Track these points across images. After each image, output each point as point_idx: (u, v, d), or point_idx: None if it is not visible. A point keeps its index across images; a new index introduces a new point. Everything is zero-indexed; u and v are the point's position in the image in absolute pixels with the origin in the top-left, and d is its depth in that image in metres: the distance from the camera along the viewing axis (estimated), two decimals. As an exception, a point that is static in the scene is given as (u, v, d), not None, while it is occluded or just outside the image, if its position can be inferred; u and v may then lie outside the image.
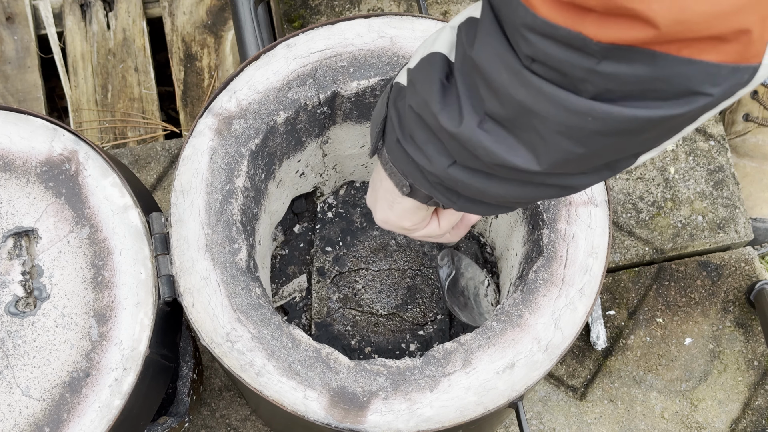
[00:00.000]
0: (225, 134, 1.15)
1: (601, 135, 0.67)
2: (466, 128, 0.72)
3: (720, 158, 1.67)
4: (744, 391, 1.56)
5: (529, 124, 0.69)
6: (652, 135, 0.68)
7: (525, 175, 0.73)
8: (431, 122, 0.76)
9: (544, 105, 0.66)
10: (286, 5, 1.76)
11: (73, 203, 1.13)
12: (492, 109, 0.70)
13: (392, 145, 0.84)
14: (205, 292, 1.09)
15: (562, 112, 0.66)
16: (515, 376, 1.07)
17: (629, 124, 0.66)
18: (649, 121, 0.65)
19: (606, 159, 0.72)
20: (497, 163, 0.73)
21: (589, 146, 0.68)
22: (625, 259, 1.61)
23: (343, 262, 1.39)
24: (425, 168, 0.80)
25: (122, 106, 1.78)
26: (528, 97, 0.66)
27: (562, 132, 0.67)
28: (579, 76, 0.64)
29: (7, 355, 1.09)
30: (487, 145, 0.72)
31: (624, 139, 0.68)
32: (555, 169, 0.72)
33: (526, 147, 0.71)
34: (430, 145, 0.78)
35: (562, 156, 0.70)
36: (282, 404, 1.05)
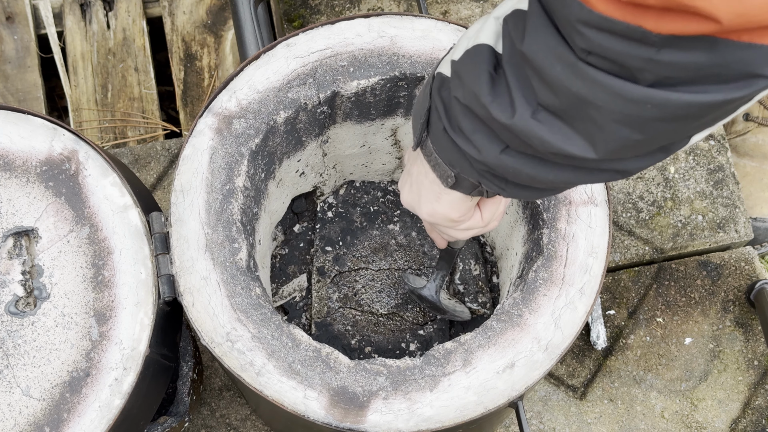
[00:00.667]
0: (225, 134, 1.14)
1: (660, 121, 0.68)
2: (519, 119, 0.73)
3: (720, 158, 1.67)
4: (744, 390, 1.56)
5: (585, 114, 0.69)
6: (710, 118, 0.69)
7: (580, 161, 0.74)
8: (481, 113, 0.77)
9: (601, 95, 0.67)
10: (286, 5, 1.76)
11: (73, 203, 1.13)
12: (545, 100, 0.71)
13: (438, 135, 0.85)
14: (205, 292, 1.09)
15: (620, 101, 0.67)
16: (515, 376, 1.07)
17: (688, 110, 0.66)
18: (709, 105, 0.66)
19: (662, 143, 0.73)
20: (552, 152, 0.74)
21: (647, 132, 0.69)
22: (625, 258, 1.61)
23: (343, 261, 1.39)
24: (474, 157, 0.81)
25: (122, 105, 1.78)
26: (584, 89, 0.67)
27: (620, 120, 0.68)
28: (637, 66, 0.65)
29: (7, 354, 1.09)
30: (541, 135, 0.73)
31: (682, 123, 0.69)
32: (611, 155, 0.73)
33: (581, 136, 0.72)
34: (478, 134, 0.79)
35: (620, 143, 0.71)
36: (282, 404, 1.05)
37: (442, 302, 1.29)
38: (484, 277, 1.39)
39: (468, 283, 1.39)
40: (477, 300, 1.38)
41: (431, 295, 1.28)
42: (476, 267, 1.39)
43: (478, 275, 1.39)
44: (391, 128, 1.29)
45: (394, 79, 1.17)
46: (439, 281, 1.27)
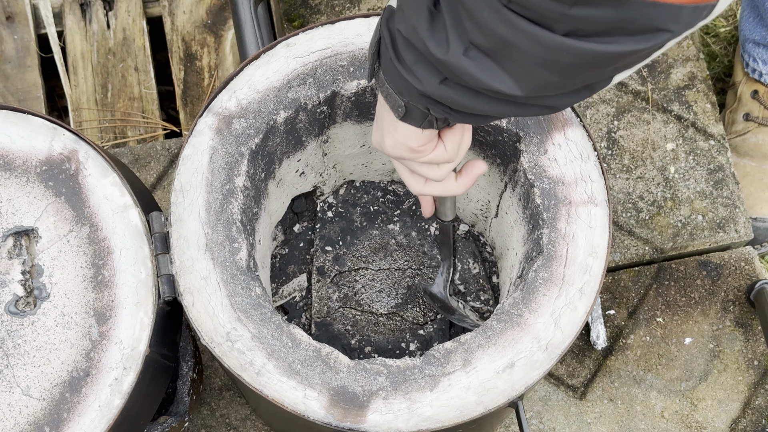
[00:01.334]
0: (225, 133, 1.15)
1: (575, 66, 0.74)
2: (452, 55, 0.78)
3: (720, 158, 1.67)
4: (744, 390, 1.56)
5: (510, 55, 0.74)
6: (623, 64, 0.76)
7: (509, 97, 0.79)
8: (420, 46, 0.81)
9: (523, 40, 0.72)
10: (286, 4, 1.76)
11: (73, 202, 1.13)
12: (476, 39, 0.76)
13: (387, 64, 0.89)
14: (205, 292, 1.09)
15: (539, 47, 0.72)
16: (515, 376, 1.07)
17: (599, 58, 0.72)
18: (618, 54, 0.72)
19: (583, 83, 0.79)
20: (482, 87, 0.79)
21: (565, 76, 0.75)
22: (625, 258, 1.61)
23: (343, 261, 1.39)
24: (416, 87, 0.85)
25: (122, 105, 1.78)
26: (508, 33, 0.72)
27: (540, 64, 0.74)
28: (552, 17, 0.70)
29: (7, 354, 1.09)
30: (472, 72, 0.78)
31: (596, 69, 0.75)
32: (535, 93, 0.78)
33: (508, 74, 0.77)
34: (419, 66, 0.83)
35: (542, 83, 0.76)
36: (282, 404, 1.05)
37: (451, 300, 1.29)
38: (484, 275, 1.39)
39: (468, 282, 1.39)
40: (479, 298, 1.38)
41: (439, 292, 1.29)
42: (475, 266, 1.39)
43: (477, 273, 1.39)
44: (391, 128, 1.29)
45: (394, 79, 1.17)
46: (446, 274, 1.27)
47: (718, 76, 1.90)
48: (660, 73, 1.72)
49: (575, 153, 1.15)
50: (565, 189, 1.13)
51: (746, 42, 1.73)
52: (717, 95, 1.81)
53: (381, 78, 0.92)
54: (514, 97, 0.79)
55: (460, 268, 1.39)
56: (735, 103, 1.76)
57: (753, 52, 1.72)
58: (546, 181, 1.14)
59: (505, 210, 1.28)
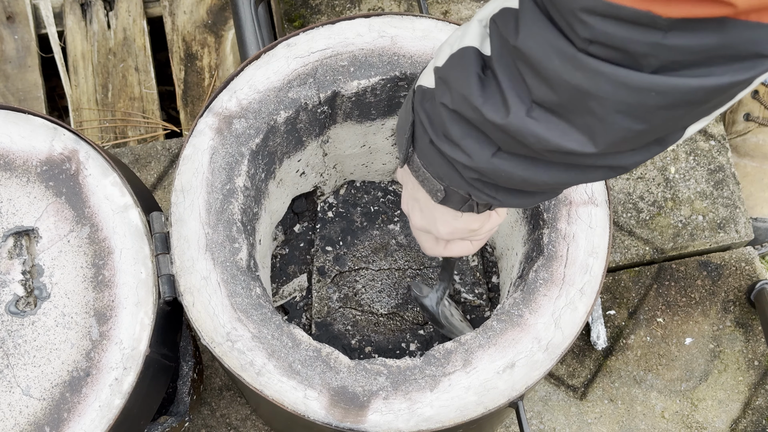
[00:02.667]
0: (225, 133, 1.15)
1: (663, 109, 0.67)
2: (514, 118, 0.73)
3: (720, 158, 1.67)
4: (744, 390, 1.56)
5: (584, 106, 0.69)
6: (712, 103, 0.69)
7: (577, 157, 0.74)
8: (472, 116, 0.76)
9: (603, 86, 0.66)
10: (286, 5, 1.76)
11: (73, 202, 1.13)
12: (541, 96, 0.71)
13: (425, 148, 0.85)
14: (206, 292, 1.09)
15: (623, 91, 0.66)
16: (515, 376, 1.07)
17: (693, 95, 0.66)
18: (714, 89, 0.66)
19: (661, 133, 0.72)
20: (549, 149, 0.73)
21: (650, 121, 0.69)
22: (626, 258, 1.61)
23: (343, 261, 1.39)
24: (464, 163, 0.80)
25: (123, 105, 1.78)
26: (584, 81, 0.67)
27: (622, 111, 0.68)
28: (642, 52, 0.64)
29: (7, 354, 1.09)
30: (538, 132, 0.72)
31: (686, 110, 0.68)
32: (610, 148, 0.72)
33: (580, 130, 0.71)
34: (468, 139, 0.78)
35: (621, 134, 0.70)
36: (282, 404, 1.05)
37: (440, 315, 1.28)
38: (482, 268, 1.39)
39: (464, 274, 1.39)
40: (473, 291, 1.38)
41: (431, 306, 1.28)
42: (474, 258, 1.39)
43: (475, 266, 1.39)
44: (392, 128, 1.29)
45: (394, 79, 1.17)
46: (440, 293, 1.26)
47: (719, 76, 1.90)
48: (660, 74, 1.72)
49: (576, 153, 1.15)
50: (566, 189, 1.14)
51: (747, 42, 1.73)
52: (717, 95, 1.81)
53: (416, 163, 0.88)
54: (583, 157, 0.73)
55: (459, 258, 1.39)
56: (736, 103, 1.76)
57: (753, 52, 1.72)
58: (546, 182, 1.14)
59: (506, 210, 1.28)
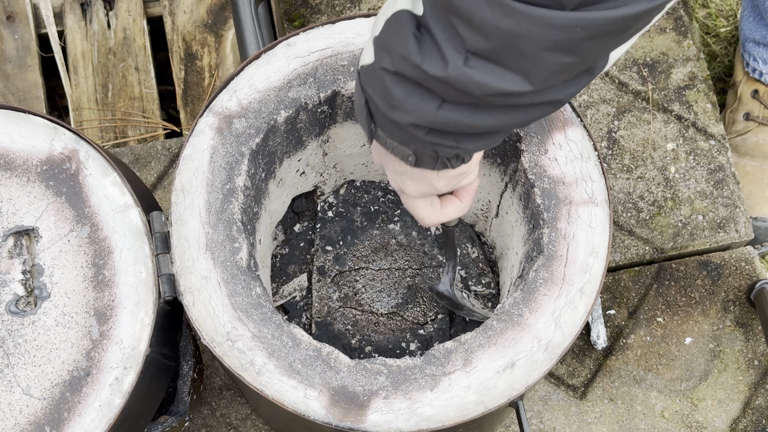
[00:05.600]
0: (225, 133, 1.15)
1: (589, 40, 0.73)
2: (453, 69, 0.77)
3: (720, 157, 1.67)
4: (744, 390, 1.56)
5: (516, 49, 0.74)
6: (633, 29, 0.76)
7: (517, 97, 0.79)
8: (413, 74, 0.80)
9: (532, 27, 0.72)
10: (286, 4, 1.76)
11: (73, 202, 1.13)
12: (475, 45, 0.75)
13: (382, 120, 0.88)
14: (206, 291, 1.09)
15: (550, 30, 0.72)
16: (515, 376, 1.07)
17: (614, 24, 0.72)
18: (632, 17, 0.72)
19: (590, 62, 0.79)
20: (490, 94, 0.78)
21: (578, 53, 0.75)
22: (626, 258, 1.61)
23: (343, 261, 1.39)
24: (412, 122, 0.84)
25: (123, 105, 1.78)
26: (513, 25, 0.72)
27: (551, 47, 0.73)
28: None
29: (7, 353, 1.09)
30: (477, 79, 0.77)
31: (609, 38, 0.75)
32: (545, 84, 0.78)
33: (515, 71, 0.76)
34: (412, 98, 0.82)
35: (553, 68, 0.76)
36: (282, 403, 1.05)
37: (457, 296, 1.30)
38: (484, 258, 1.39)
39: (468, 267, 1.39)
40: (480, 282, 1.38)
41: (446, 290, 1.29)
42: (474, 250, 1.39)
43: (477, 257, 1.39)
44: (392, 128, 1.29)
45: (394, 79, 1.17)
46: (451, 273, 1.28)
47: (719, 76, 1.90)
48: (660, 73, 1.72)
49: (576, 153, 1.15)
50: (566, 189, 1.13)
51: (746, 41, 1.73)
52: (717, 95, 1.81)
53: (381, 136, 0.91)
54: (523, 95, 0.78)
55: (460, 253, 1.39)
56: (735, 102, 1.76)
57: (753, 51, 1.72)
58: (546, 181, 1.14)
59: (506, 210, 1.28)
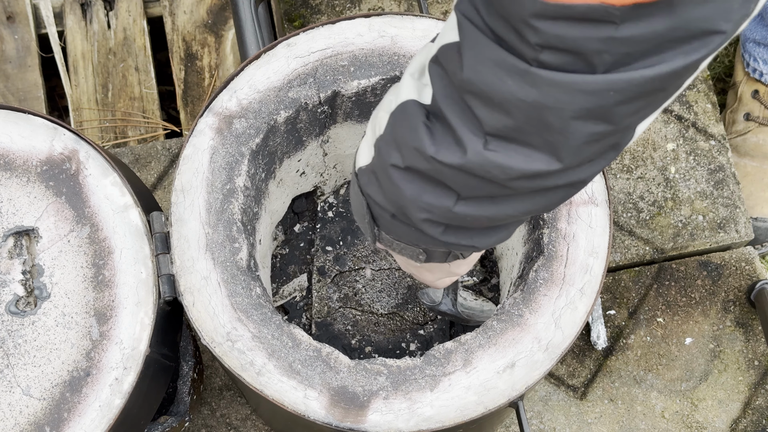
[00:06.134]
0: (225, 133, 1.15)
1: (623, 104, 0.67)
2: (472, 155, 0.72)
3: (720, 158, 1.67)
4: (744, 390, 1.56)
5: (542, 123, 0.68)
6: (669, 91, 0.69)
7: (543, 178, 0.73)
8: (426, 167, 0.75)
9: (559, 96, 0.66)
10: (286, 4, 1.76)
11: (73, 202, 1.13)
12: (494, 125, 0.70)
13: (388, 224, 0.85)
14: (206, 292, 1.09)
15: (580, 96, 0.66)
16: (516, 376, 1.07)
17: (650, 85, 0.66)
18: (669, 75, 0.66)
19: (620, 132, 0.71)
20: (515, 176, 0.73)
21: (611, 120, 0.69)
22: (626, 258, 1.61)
23: (343, 261, 1.39)
24: (428, 219, 0.80)
25: (123, 105, 1.78)
26: (540, 95, 0.67)
27: (582, 116, 0.67)
28: (595, 49, 0.64)
29: (7, 354, 1.09)
30: (500, 163, 0.72)
31: (645, 100, 0.68)
32: (575, 159, 0.71)
33: (541, 149, 0.71)
34: (426, 195, 0.78)
35: (583, 140, 0.70)
36: (282, 404, 1.05)
37: (462, 313, 1.29)
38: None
39: None
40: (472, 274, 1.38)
41: (450, 309, 1.27)
42: None
43: None
44: (392, 128, 1.29)
45: (394, 79, 1.17)
46: (452, 295, 1.26)
47: (719, 76, 1.90)
48: (660, 73, 1.72)
49: (576, 153, 1.15)
50: (566, 189, 1.13)
51: (747, 42, 1.73)
52: (717, 95, 1.81)
53: (387, 239, 0.88)
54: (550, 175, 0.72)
55: None
56: (735, 103, 1.76)
57: (754, 51, 1.72)
58: (546, 181, 1.14)
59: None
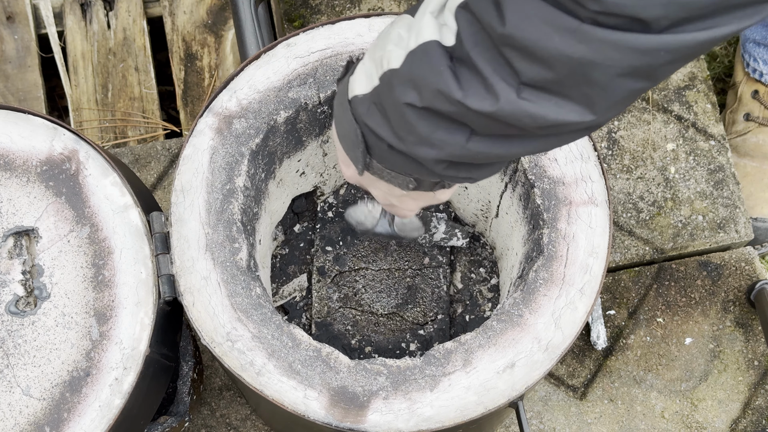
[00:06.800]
0: (225, 133, 1.15)
1: (670, 64, 0.69)
2: (505, 103, 0.73)
3: (720, 158, 1.67)
4: (744, 390, 1.56)
5: (585, 78, 0.70)
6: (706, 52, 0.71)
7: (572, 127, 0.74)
8: (449, 109, 0.76)
9: (610, 53, 0.67)
10: (286, 5, 1.76)
11: (73, 202, 1.13)
12: (532, 76, 0.71)
13: (384, 153, 0.85)
14: (206, 292, 1.09)
15: (631, 55, 0.67)
16: (515, 376, 1.07)
17: (701, 48, 0.67)
18: (720, 39, 0.67)
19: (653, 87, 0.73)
20: (545, 125, 0.74)
21: (654, 78, 0.70)
22: (626, 258, 1.61)
23: (343, 261, 1.39)
24: (435, 157, 0.80)
25: (122, 105, 1.78)
26: (588, 52, 0.68)
27: (627, 73, 0.69)
28: (655, 15, 0.65)
29: (7, 354, 1.09)
30: (533, 112, 0.73)
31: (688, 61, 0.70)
32: (608, 112, 0.73)
33: (576, 101, 0.72)
34: (439, 132, 0.78)
35: (621, 95, 0.71)
36: (282, 404, 1.05)
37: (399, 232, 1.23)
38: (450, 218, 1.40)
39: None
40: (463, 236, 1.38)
41: (385, 230, 1.21)
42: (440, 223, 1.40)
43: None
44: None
45: (394, 79, 1.17)
46: (389, 216, 1.20)
47: (719, 76, 1.90)
48: (660, 74, 1.72)
49: (576, 153, 1.15)
50: (566, 189, 1.13)
51: (747, 42, 1.73)
52: (717, 95, 1.81)
53: (377, 167, 0.88)
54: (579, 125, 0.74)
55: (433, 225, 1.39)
56: (735, 103, 1.76)
57: (753, 51, 1.72)
58: (546, 182, 1.14)
59: (506, 210, 1.28)
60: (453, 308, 1.38)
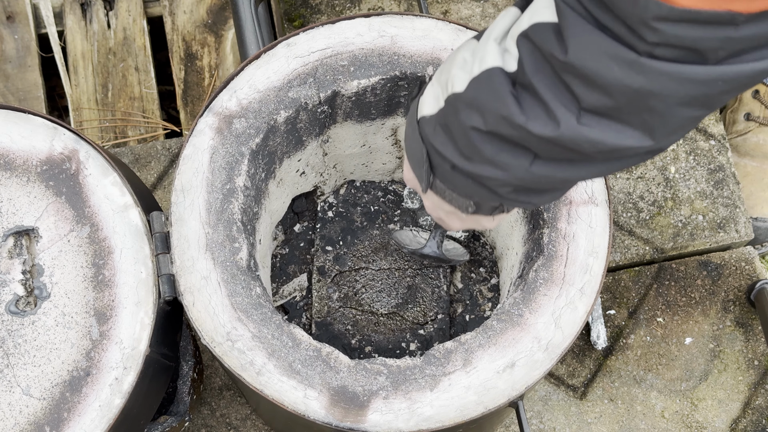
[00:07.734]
0: (225, 133, 1.15)
1: (726, 93, 0.70)
2: (566, 129, 0.75)
3: (720, 158, 1.67)
4: (744, 390, 1.56)
5: (644, 106, 0.71)
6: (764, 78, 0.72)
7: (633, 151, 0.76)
8: (512, 134, 0.78)
9: (667, 84, 0.69)
10: (286, 4, 1.76)
11: (73, 202, 1.13)
12: (593, 103, 0.73)
13: (447, 173, 0.87)
14: (206, 291, 1.09)
15: (688, 85, 0.69)
16: (515, 376, 1.07)
17: (757, 76, 0.69)
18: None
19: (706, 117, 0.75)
20: (605, 150, 0.76)
21: (711, 106, 0.72)
22: (626, 258, 1.61)
23: (343, 261, 1.39)
24: (499, 179, 0.83)
25: (123, 105, 1.78)
26: (647, 83, 0.69)
27: (685, 103, 0.71)
28: (712, 47, 0.66)
29: (7, 354, 1.09)
30: (593, 138, 0.75)
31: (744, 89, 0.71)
32: (668, 138, 0.75)
33: (636, 128, 0.74)
34: (503, 154, 0.80)
35: (681, 123, 0.73)
36: (282, 403, 1.05)
37: (446, 254, 1.29)
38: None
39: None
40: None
41: (434, 251, 1.28)
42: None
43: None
44: (392, 128, 1.29)
45: (394, 79, 1.17)
46: (440, 238, 1.27)
47: (719, 76, 1.90)
48: (660, 73, 1.72)
49: (576, 153, 1.15)
50: (566, 189, 1.13)
51: (747, 42, 1.73)
52: (717, 95, 1.81)
53: (440, 187, 0.90)
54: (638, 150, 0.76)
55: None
56: (736, 102, 1.76)
57: (753, 52, 1.72)
58: (546, 181, 1.14)
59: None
60: (453, 308, 1.39)
